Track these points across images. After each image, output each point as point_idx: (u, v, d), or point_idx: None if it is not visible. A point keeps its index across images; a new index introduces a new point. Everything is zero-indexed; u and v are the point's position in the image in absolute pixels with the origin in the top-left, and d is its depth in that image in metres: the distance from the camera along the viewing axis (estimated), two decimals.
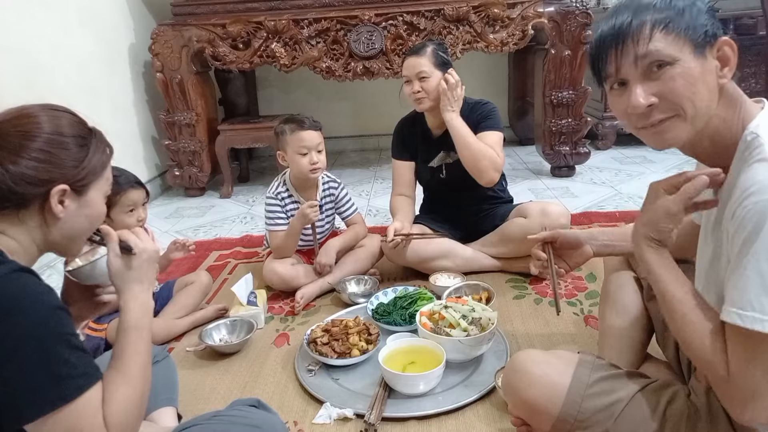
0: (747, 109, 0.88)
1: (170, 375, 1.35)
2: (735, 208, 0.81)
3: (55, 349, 0.77)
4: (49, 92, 2.58)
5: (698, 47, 0.84)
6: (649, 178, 3.20)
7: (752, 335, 0.76)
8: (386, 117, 4.37)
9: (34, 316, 0.77)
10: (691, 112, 0.86)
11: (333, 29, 3.16)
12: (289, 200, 2.05)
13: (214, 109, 3.60)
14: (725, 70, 0.87)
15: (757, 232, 0.76)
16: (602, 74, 0.93)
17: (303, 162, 1.95)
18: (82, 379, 0.80)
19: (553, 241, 1.28)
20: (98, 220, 0.95)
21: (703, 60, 0.85)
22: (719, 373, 0.81)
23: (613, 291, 1.33)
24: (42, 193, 0.85)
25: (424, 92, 1.98)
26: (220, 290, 2.15)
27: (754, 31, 3.68)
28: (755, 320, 0.76)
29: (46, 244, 0.90)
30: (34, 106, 0.88)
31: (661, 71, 0.85)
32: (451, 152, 2.08)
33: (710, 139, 0.90)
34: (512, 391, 1.07)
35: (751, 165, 0.81)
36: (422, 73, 1.96)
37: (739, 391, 0.79)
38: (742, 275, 0.78)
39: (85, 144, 0.90)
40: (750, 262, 0.77)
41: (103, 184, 0.94)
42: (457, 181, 2.09)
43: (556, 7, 3.12)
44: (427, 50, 1.98)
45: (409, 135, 2.18)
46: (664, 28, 0.84)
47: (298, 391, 1.49)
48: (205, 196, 3.54)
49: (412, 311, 1.71)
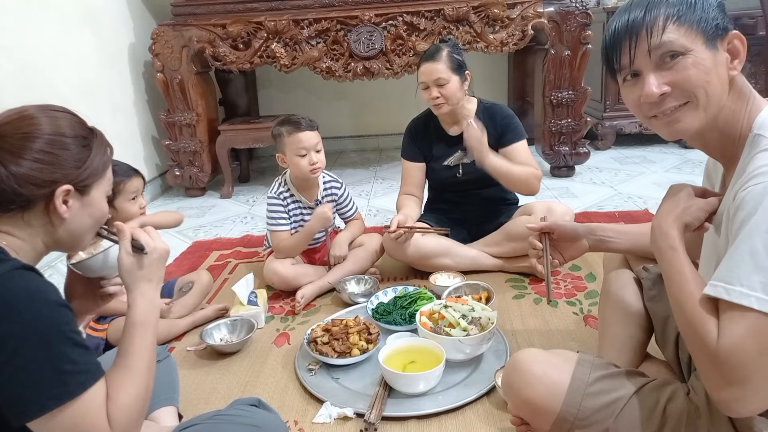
0: (756, 103, 0.90)
1: (171, 374, 1.36)
2: (737, 190, 0.82)
3: (58, 346, 0.77)
4: (49, 92, 2.58)
5: (710, 39, 0.87)
6: (648, 178, 3.21)
7: (748, 314, 0.76)
8: (386, 117, 4.41)
9: (36, 313, 0.77)
10: (703, 100, 0.88)
11: (333, 29, 3.17)
12: (291, 200, 2.05)
13: (215, 109, 3.61)
14: (735, 62, 0.89)
15: (754, 212, 0.77)
16: (615, 67, 0.94)
17: (303, 163, 1.95)
18: (84, 376, 0.80)
19: (551, 231, 1.29)
20: (102, 218, 0.96)
21: (714, 52, 0.87)
22: (711, 350, 0.80)
23: (613, 291, 1.33)
24: (46, 194, 0.85)
25: (443, 98, 1.99)
26: (221, 290, 2.15)
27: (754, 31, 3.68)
28: (742, 295, 0.76)
29: (51, 243, 0.91)
30: (33, 108, 0.89)
31: (674, 61, 0.87)
32: (469, 152, 2.08)
33: (719, 130, 0.91)
34: (512, 390, 1.07)
35: (755, 156, 0.83)
36: (440, 79, 1.96)
37: (726, 369, 0.78)
38: (735, 252, 0.79)
39: (87, 144, 0.90)
40: (744, 240, 0.78)
41: (104, 184, 0.94)
42: (474, 181, 2.10)
43: (556, 7, 3.12)
44: (443, 54, 1.97)
45: (422, 135, 2.17)
46: (677, 21, 0.87)
47: (299, 391, 1.49)
48: (206, 196, 3.54)
49: (412, 311, 1.71)
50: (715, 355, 0.79)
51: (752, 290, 0.76)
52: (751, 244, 0.77)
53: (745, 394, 0.78)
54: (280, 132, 1.97)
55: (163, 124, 3.38)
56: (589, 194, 3.05)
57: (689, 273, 0.88)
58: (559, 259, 1.30)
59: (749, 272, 0.76)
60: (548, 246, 1.28)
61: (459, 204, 2.19)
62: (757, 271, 0.76)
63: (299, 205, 2.05)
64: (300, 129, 1.94)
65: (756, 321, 0.76)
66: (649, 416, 0.96)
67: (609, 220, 2.56)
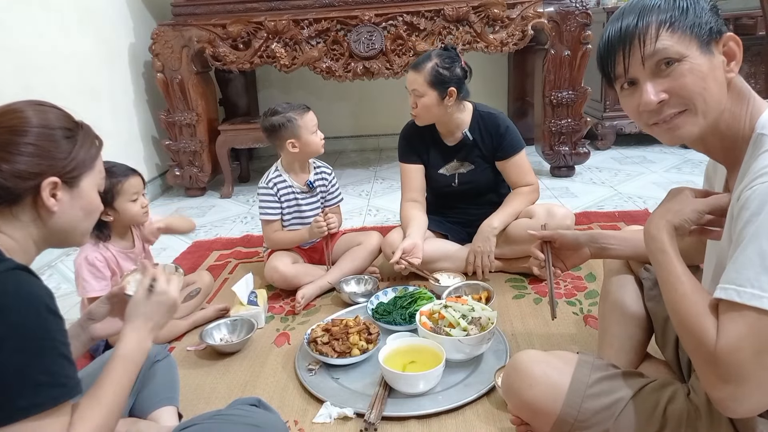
0: (756, 105, 0.90)
1: (171, 374, 1.35)
2: (742, 190, 0.82)
3: (39, 354, 0.76)
4: (49, 92, 2.58)
5: (704, 44, 0.86)
6: (648, 178, 3.21)
7: (747, 313, 0.76)
8: (386, 117, 4.41)
9: (24, 317, 0.75)
10: (701, 107, 0.87)
11: (333, 29, 3.16)
12: (282, 185, 2.08)
13: (215, 109, 3.61)
14: (732, 64, 0.88)
15: (760, 212, 0.77)
16: (611, 75, 0.94)
17: (316, 139, 2.03)
18: (59, 390, 0.78)
19: (553, 241, 1.28)
20: (95, 212, 0.96)
21: (710, 56, 0.86)
22: (708, 349, 0.80)
23: (613, 291, 1.33)
24: (32, 187, 0.85)
25: (417, 110, 1.97)
26: (221, 290, 2.15)
27: (754, 31, 3.68)
28: (753, 296, 0.75)
29: (43, 240, 0.90)
30: (19, 103, 0.89)
31: (669, 68, 0.86)
32: (465, 162, 2.08)
33: (721, 133, 0.91)
34: (512, 391, 1.07)
35: (759, 156, 0.82)
36: (416, 91, 1.94)
37: (724, 369, 0.78)
38: (742, 254, 0.78)
39: (71, 136, 0.90)
40: (751, 241, 0.77)
41: (95, 176, 0.94)
42: (470, 191, 2.11)
43: (556, 7, 3.12)
44: (427, 66, 1.91)
45: (418, 139, 2.12)
46: (670, 27, 0.86)
47: (299, 391, 1.49)
48: (206, 196, 3.54)
49: (412, 311, 1.71)
50: (713, 354, 0.79)
51: (763, 291, 0.75)
52: (759, 244, 0.76)
53: (743, 392, 0.77)
54: (290, 117, 1.99)
55: (163, 124, 3.38)
56: (589, 194, 3.05)
57: (682, 275, 0.88)
58: (561, 267, 1.30)
59: (758, 273, 0.76)
60: (550, 256, 1.27)
61: (456, 209, 2.18)
62: (766, 272, 0.75)
63: (292, 189, 2.08)
64: (307, 109, 2.02)
65: (757, 321, 0.76)
66: (650, 417, 0.96)
67: (609, 220, 2.57)
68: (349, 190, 3.40)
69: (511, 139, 2.03)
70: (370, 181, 3.65)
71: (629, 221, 2.51)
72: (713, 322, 0.81)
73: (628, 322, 1.28)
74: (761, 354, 0.76)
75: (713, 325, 0.80)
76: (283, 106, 2.02)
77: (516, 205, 2.02)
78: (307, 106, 2.04)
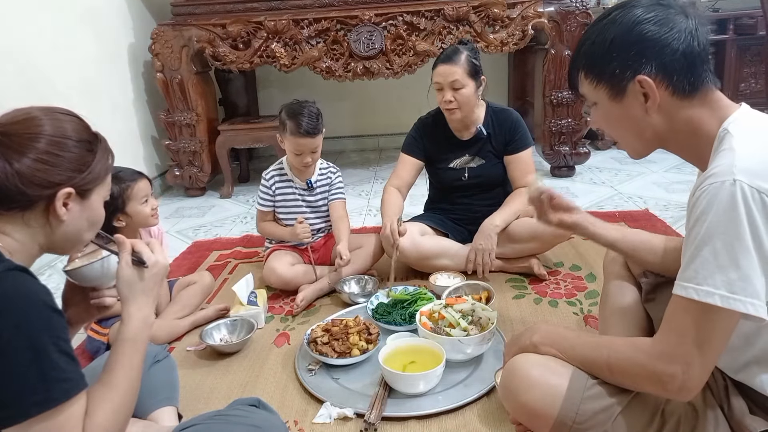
0: (725, 111, 0.91)
1: (170, 374, 1.35)
2: (695, 189, 0.86)
3: (45, 351, 0.76)
4: (49, 92, 2.58)
5: (615, 92, 0.93)
6: (648, 178, 3.21)
7: (700, 308, 0.82)
8: (386, 117, 4.41)
9: (26, 316, 0.76)
10: (628, 142, 0.98)
11: (333, 29, 3.16)
12: (280, 179, 2.11)
13: (215, 109, 3.61)
14: (648, 103, 0.91)
15: (709, 211, 0.81)
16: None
17: (297, 159, 2.02)
18: (69, 384, 0.79)
19: (552, 198, 1.31)
20: (98, 224, 0.96)
21: (620, 102, 0.93)
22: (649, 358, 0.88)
23: (613, 292, 1.34)
24: (48, 196, 0.86)
25: (456, 103, 1.96)
26: (221, 290, 2.15)
27: (754, 31, 3.69)
28: (708, 294, 0.81)
29: (47, 246, 0.91)
30: (39, 109, 0.89)
31: (593, 108, 1.00)
32: (476, 157, 2.09)
33: (686, 143, 0.94)
34: (510, 394, 1.07)
35: (717, 154, 0.86)
36: (456, 82, 1.93)
37: (671, 359, 0.85)
38: (698, 254, 0.82)
39: (91, 149, 0.91)
40: (705, 242, 0.81)
41: (104, 189, 0.95)
42: (479, 184, 2.12)
43: (556, 7, 3.12)
44: (462, 57, 1.93)
45: (429, 137, 2.13)
46: (585, 74, 0.96)
47: (299, 391, 1.49)
48: (206, 196, 3.54)
49: (412, 311, 1.71)
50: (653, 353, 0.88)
51: (716, 288, 0.80)
52: (713, 245, 0.81)
53: (693, 372, 0.84)
54: (285, 123, 1.98)
55: (163, 124, 3.38)
56: (589, 194, 3.05)
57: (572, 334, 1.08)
58: (553, 218, 1.31)
59: (713, 272, 0.81)
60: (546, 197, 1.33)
61: (461, 204, 2.18)
62: (719, 270, 0.80)
63: (292, 185, 2.10)
64: (301, 134, 1.94)
65: (701, 315, 0.82)
66: (648, 418, 0.96)
67: (609, 220, 2.54)
68: (349, 190, 3.40)
69: (523, 134, 2.07)
70: (370, 181, 3.65)
71: (629, 221, 2.51)
72: (627, 339, 0.93)
73: (628, 323, 1.28)
74: (702, 345, 0.83)
75: (630, 343, 0.93)
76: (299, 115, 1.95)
77: (517, 204, 2.01)
78: (310, 132, 1.94)
